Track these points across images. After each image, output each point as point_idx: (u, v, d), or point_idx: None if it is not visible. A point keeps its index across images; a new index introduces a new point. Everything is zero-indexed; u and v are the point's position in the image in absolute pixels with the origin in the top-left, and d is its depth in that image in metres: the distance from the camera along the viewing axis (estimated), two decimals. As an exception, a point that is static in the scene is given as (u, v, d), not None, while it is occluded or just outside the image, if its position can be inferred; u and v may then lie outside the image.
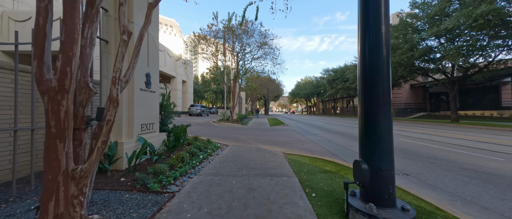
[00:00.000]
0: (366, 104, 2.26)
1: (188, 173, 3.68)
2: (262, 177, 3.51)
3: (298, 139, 8.84)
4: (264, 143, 7.56)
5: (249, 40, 16.70)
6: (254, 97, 46.25)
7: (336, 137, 9.72)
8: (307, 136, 10.19)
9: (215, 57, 17.34)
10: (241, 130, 12.34)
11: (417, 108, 33.97)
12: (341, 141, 8.49)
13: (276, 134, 10.63)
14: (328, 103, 65.63)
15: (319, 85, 56.48)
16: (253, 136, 9.42)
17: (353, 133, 11.03)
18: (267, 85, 42.01)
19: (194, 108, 29.77)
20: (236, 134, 10.00)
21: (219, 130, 11.57)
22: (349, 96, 42.40)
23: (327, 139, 8.98)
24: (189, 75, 36.46)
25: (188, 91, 35.71)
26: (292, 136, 9.83)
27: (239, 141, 7.79)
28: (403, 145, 7.35)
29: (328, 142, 8.19)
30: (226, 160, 4.70)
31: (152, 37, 4.74)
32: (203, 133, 10.08)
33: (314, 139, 9.12)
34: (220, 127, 13.94)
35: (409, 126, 16.05)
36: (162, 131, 5.42)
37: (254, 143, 7.49)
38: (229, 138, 8.73)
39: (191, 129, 11.36)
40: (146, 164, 3.94)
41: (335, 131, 12.39)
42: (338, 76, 40.04)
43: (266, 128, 14.20)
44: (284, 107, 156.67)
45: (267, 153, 5.61)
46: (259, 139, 8.63)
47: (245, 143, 7.29)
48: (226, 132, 10.72)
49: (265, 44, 17.23)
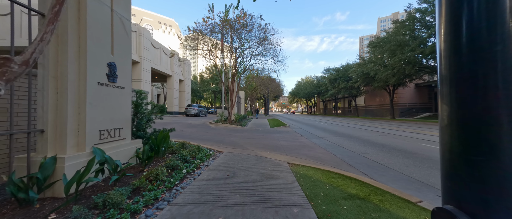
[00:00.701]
0: (463, 103, 1.17)
1: (158, 200, 2.61)
2: (263, 209, 2.44)
3: (303, 143, 7.77)
4: (264, 148, 6.50)
5: (248, 35, 15.65)
6: (253, 97, 45.22)
7: (345, 140, 8.65)
8: (312, 139, 9.13)
9: (212, 54, 16.27)
10: (239, 132, 11.28)
11: (423, 108, 32.95)
12: (352, 146, 7.42)
13: (277, 137, 9.57)
14: (329, 103, 64.66)
15: (320, 85, 55.49)
16: (252, 140, 8.36)
17: (364, 136, 9.97)
18: (267, 84, 41.01)
19: (191, 109, 28.71)
20: (233, 137, 8.94)
21: (214, 133, 10.51)
22: (351, 96, 41.38)
23: (335, 143, 7.92)
24: (187, 74, 35.39)
25: (185, 91, 34.64)
26: (296, 140, 8.77)
27: (236, 146, 6.72)
28: (433, 153, 6.28)
29: (338, 147, 7.12)
30: (216, 176, 3.63)
31: (120, 17, 3.66)
32: (197, 136, 9.01)
33: (320, 143, 8.06)
34: (216, 128, 12.88)
35: (421, 128, 15.00)
36: (138, 137, 4.35)
37: (253, 148, 6.43)
38: (225, 142, 7.67)
39: (184, 132, 10.30)
40: (103, 186, 2.87)
41: (341, 133, 11.33)
42: (340, 76, 39.01)
43: (266, 129, 13.14)
44: (284, 107, 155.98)
45: (269, 163, 4.55)
46: (259, 143, 7.57)
47: (243, 149, 6.22)
48: (222, 135, 9.66)
49: (265, 40, 16.18)
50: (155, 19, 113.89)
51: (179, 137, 8.33)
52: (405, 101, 33.38)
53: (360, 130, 13.22)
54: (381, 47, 21.66)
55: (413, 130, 13.24)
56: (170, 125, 13.77)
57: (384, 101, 36.64)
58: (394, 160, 5.32)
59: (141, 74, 22.57)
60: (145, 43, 23.06)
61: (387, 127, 15.12)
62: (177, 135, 9.02)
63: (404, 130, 13.22)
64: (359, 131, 12.55)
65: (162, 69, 26.65)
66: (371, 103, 41.67)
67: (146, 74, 23.68)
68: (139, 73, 22.49)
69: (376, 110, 39.57)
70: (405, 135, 10.43)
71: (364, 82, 30.96)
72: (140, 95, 4.44)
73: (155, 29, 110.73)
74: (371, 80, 28.88)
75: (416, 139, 8.77)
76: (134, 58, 21.72)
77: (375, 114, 39.48)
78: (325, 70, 49.19)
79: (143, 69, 22.85)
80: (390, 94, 29.28)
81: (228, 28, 14.55)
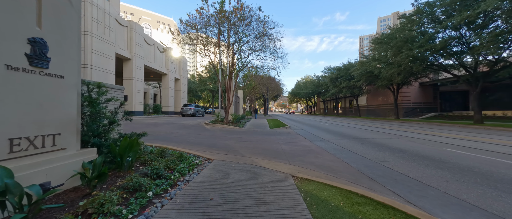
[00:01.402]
0: None
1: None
2: None
3: (308, 148, 6.71)
4: (263, 154, 5.44)
5: (246, 29, 14.57)
6: (253, 96, 44.16)
7: (355, 144, 7.59)
8: (317, 142, 8.07)
9: (207, 50, 15.19)
10: (235, 133, 10.22)
11: (427, 108, 31.91)
12: (365, 151, 6.35)
13: (278, 139, 8.51)
14: (330, 103, 63.67)
15: (320, 84, 54.47)
16: (249, 143, 7.30)
17: (375, 139, 8.91)
18: (267, 83, 39.99)
19: (187, 109, 27.61)
20: (228, 140, 7.87)
21: (208, 135, 9.45)
22: (353, 96, 40.32)
23: (344, 148, 6.85)
24: (183, 73, 34.27)
25: (181, 90, 33.51)
26: (299, 143, 7.71)
27: (230, 152, 5.66)
28: (470, 162, 5.21)
29: (349, 153, 6.06)
30: (194, 200, 2.56)
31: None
32: (186, 139, 7.94)
33: (328, 147, 6.99)
34: (211, 130, 11.81)
35: (433, 129, 13.98)
36: (94, 146, 3.28)
37: (250, 154, 5.37)
38: (218, 146, 6.60)
39: (174, 134, 9.24)
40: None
41: (349, 135, 10.27)
42: (342, 75, 37.95)
43: (265, 130, 12.09)
44: (283, 107, 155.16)
45: (268, 176, 3.50)
46: (257, 147, 6.50)
47: (237, 155, 5.16)
48: (216, 137, 8.60)
49: (264, 34, 15.13)
50: (153, 18, 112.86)
51: (164, 141, 7.27)
52: (409, 101, 32.34)
53: (367, 131, 12.17)
54: (386, 44, 20.57)
55: (425, 131, 12.19)
56: (160, 126, 12.71)
57: (387, 101, 35.61)
58: (424, 171, 4.27)
59: (133, 72, 21.41)
60: (137, 39, 21.90)
61: (395, 128, 14.08)
62: (163, 138, 7.97)
63: (416, 131, 12.18)
64: (367, 132, 11.50)
65: (156, 67, 25.51)
66: (373, 103, 40.64)
67: (138, 72, 22.51)
68: (131, 71, 21.33)
69: (379, 109, 38.54)
70: (420, 137, 9.38)
71: (367, 81, 29.88)
72: (99, 89, 3.35)
73: (154, 29, 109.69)
74: (374, 79, 27.81)
75: (438, 143, 7.71)
76: (125, 54, 20.58)
77: (378, 114, 38.45)
78: (326, 69, 48.13)
79: (135, 66, 21.68)
80: (394, 94, 28.22)
81: (224, 21, 13.45)
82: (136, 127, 10.81)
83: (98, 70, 16.74)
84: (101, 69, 17.08)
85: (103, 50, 17.26)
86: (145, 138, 5.24)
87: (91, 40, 15.91)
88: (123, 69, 21.51)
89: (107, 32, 17.56)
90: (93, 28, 16.02)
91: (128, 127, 9.07)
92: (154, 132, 9.49)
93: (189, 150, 5.63)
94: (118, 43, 19.48)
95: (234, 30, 14.36)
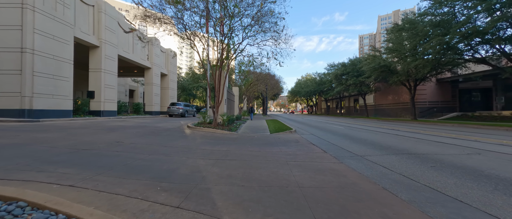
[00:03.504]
0: None
1: None
2: None
3: (344, 179, 3.19)
4: (259, 203, 2.01)
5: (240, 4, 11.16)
6: (251, 95, 40.69)
7: (421, 167, 4.06)
8: (348, 160, 4.59)
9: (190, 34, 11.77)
10: (222, 143, 6.75)
11: (446, 107, 28.63)
12: (470, 194, 2.88)
13: (283, 154, 5.00)
14: (332, 102, 60.48)
15: (323, 82, 51.25)
16: (238, 166, 3.79)
17: (443, 155, 5.43)
18: (266, 80, 36.61)
19: (174, 108, 24.12)
20: (206, 158, 4.32)
21: (178, 147, 5.93)
22: (360, 94, 37.00)
23: (413, 178, 3.32)
24: (172, 68, 30.67)
25: (169, 87, 29.92)
26: (320, 163, 4.19)
27: (188, 199, 2.16)
28: None
29: (438, 195, 2.58)
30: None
31: None
32: (132, 156, 4.28)
33: (376, 175, 3.46)
34: (190, 137, 8.34)
35: (470, 133, 10.63)
36: None
37: (230, 208, 1.91)
38: (175, 178, 3.06)
39: (125, 145, 5.53)
40: None
41: (387, 146, 6.82)
42: (348, 71, 34.64)
43: (264, 137, 8.65)
44: (282, 107, 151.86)
45: None
46: (249, 178, 3.00)
47: (199, 215, 1.72)
48: (188, 152, 5.09)
49: (261, 14, 11.76)
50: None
51: (61, 164, 3.66)
52: (425, 100, 29.05)
53: (406, 139, 8.80)
54: (411, 29, 17.17)
55: (492, 139, 8.85)
56: (117, 131, 9.19)
57: (399, 99, 32.33)
58: None
59: (102, 63, 17.63)
60: (108, 22, 18.01)
61: (440, 134, 10.74)
62: (66, 160, 4.29)
63: (476, 139, 8.86)
64: (409, 141, 8.12)
65: (136, 59, 21.81)
66: (382, 102, 37.36)
67: (110, 63, 18.53)
68: (99, 61, 17.58)
69: (389, 109, 35.26)
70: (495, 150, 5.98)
71: (380, 77, 26.52)
72: None
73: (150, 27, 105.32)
74: (389, 74, 24.48)
75: None
76: (91, 40, 16.77)
77: (388, 114, 35.16)
78: (329, 66, 44.91)
79: (104, 55, 17.78)
80: (410, 91, 24.87)
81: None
82: (68, 134, 7.31)
83: (45, 57, 12.90)
84: (51, 56, 13.32)
85: (54, 32, 13.32)
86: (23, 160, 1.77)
87: (33, 16, 12.15)
88: (90, 59, 17.75)
89: (60, 9, 13.82)
90: (36, 0, 12.35)
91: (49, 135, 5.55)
92: (88, 142, 5.99)
93: (108, 190, 2.09)
94: (80, 26, 15.76)
95: (222, 4, 10.94)
